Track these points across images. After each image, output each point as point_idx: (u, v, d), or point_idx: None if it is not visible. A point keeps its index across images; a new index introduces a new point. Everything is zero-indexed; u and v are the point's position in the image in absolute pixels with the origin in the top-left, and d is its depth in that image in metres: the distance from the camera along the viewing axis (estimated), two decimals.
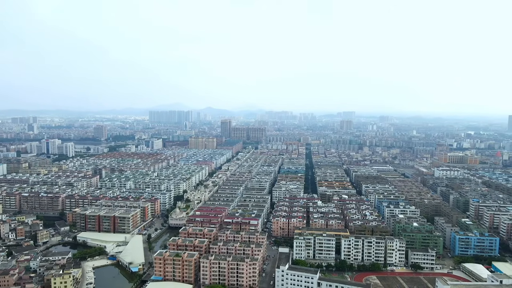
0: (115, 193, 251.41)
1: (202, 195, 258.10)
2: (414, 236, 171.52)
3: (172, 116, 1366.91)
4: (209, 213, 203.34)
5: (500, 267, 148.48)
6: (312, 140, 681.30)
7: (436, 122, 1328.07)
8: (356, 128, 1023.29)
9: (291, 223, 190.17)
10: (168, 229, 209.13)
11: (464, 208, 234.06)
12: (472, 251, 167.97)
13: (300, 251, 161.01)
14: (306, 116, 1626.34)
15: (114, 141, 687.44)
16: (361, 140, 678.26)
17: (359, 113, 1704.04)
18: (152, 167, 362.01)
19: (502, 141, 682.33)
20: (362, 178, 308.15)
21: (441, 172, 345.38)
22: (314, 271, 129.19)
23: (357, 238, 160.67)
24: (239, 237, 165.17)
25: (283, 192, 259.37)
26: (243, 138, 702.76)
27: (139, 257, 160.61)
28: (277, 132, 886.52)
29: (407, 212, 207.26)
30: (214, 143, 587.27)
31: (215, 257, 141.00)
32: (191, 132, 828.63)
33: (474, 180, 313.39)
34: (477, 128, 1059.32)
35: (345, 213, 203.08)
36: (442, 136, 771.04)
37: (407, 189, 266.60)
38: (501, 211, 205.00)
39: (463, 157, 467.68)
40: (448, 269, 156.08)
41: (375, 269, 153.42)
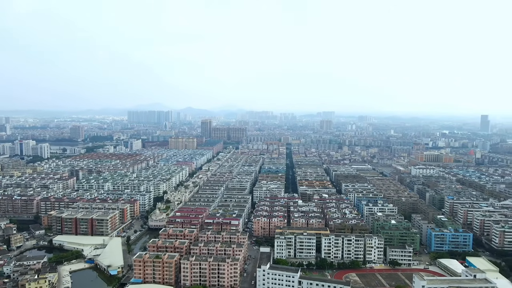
0: (93, 195, 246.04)
1: (183, 196, 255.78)
2: (392, 233, 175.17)
3: (152, 116, 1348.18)
4: (189, 214, 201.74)
5: (474, 262, 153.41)
6: (292, 140, 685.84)
7: (413, 122, 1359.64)
8: (335, 128, 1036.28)
9: (272, 222, 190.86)
10: (148, 231, 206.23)
11: (439, 205, 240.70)
12: (447, 247, 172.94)
13: (281, 250, 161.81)
14: (286, 116, 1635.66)
15: (92, 141, 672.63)
16: (341, 139, 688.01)
17: (338, 113, 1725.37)
18: (131, 168, 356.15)
19: (474, 140, 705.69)
20: (341, 177, 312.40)
21: (417, 171, 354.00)
22: (295, 270, 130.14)
23: (337, 237, 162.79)
24: (220, 237, 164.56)
25: (264, 192, 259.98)
26: (224, 138, 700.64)
27: (118, 259, 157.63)
28: (258, 132, 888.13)
29: (386, 210, 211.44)
30: (195, 143, 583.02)
31: (196, 258, 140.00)
32: (171, 132, 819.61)
33: (449, 178, 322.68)
34: (452, 128, 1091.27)
35: (325, 212, 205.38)
36: (418, 136, 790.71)
37: (385, 188, 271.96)
38: (474, 208, 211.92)
39: (438, 156, 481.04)
40: (424, 265, 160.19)
41: (354, 266, 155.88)
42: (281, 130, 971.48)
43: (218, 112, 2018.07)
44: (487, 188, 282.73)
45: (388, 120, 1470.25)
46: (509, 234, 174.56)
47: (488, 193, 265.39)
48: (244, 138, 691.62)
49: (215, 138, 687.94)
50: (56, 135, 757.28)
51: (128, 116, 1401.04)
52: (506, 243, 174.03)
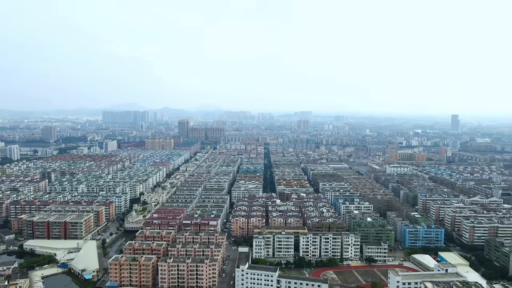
0: (66, 198, 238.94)
1: (160, 197, 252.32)
2: (368, 230, 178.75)
3: (127, 117, 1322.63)
4: (167, 215, 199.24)
5: (446, 257, 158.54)
6: (270, 140, 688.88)
7: (388, 122, 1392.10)
8: (313, 128, 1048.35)
9: (251, 222, 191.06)
10: (124, 233, 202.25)
11: (413, 202, 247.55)
12: (421, 242, 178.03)
13: (260, 250, 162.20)
14: (264, 116, 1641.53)
15: (65, 142, 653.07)
16: (318, 139, 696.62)
17: (315, 113, 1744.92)
18: (106, 170, 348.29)
19: (446, 139, 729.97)
20: (319, 176, 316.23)
21: (392, 169, 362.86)
22: (273, 269, 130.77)
23: (315, 235, 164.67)
24: (198, 238, 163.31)
25: (242, 192, 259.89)
26: (202, 138, 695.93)
27: (93, 263, 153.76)
28: (236, 132, 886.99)
29: (362, 208, 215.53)
30: (172, 143, 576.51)
31: (174, 260, 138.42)
32: (147, 132, 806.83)
33: (421, 176, 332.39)
34: (424, 127, 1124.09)
35: (303, 211, 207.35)
36: (393, 135, 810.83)
37: (361, 186, 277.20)
38: (446, 204, 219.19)
39: (411, 154, 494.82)
40: (399, 261, 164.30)
41: (332, 264, 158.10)
42: (259, 130, 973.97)
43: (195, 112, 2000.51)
44: (458, 185, 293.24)
45: (364, 120, 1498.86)
46: (478, 229, 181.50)
47: (459, 190, 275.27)
48: (222, 138, 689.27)
49: (192, 139, 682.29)
50: (27, 136, 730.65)
51: (102, 117, 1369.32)
52: (476, 238, 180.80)
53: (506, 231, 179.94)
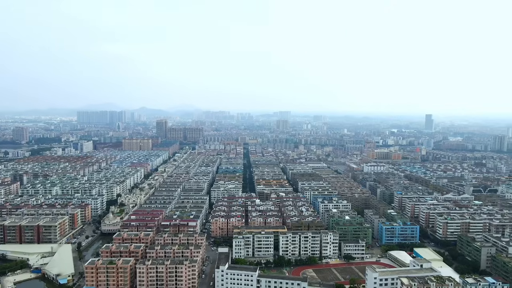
0: (39, 201, 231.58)
1: (138, 199, 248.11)
2: (346, 228, 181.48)
3: (104, 117, 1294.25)
4: (145, 217, 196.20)
5: (421, 253, 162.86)
6: (249, 140, 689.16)
7: (365, 121, 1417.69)
8: (292, 127, 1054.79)
9: (230, 222, 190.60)
10: (101, 236, 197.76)
11: (389, 200, 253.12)
12: (397, 239, 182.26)
13: (240, 250, 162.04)
14: (243, 116, 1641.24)
15: (37, 144, 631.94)
16: (297, 139, 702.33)
17: (294, 113, 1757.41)
18: (81, 171, 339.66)
19: (420, 138, 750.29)
20: (298, 175, 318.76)
21: (369, 168, 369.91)
22: (253, 269, 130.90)
23: (294, 234, 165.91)
24: (177, 239, 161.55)
25: (221, 192, 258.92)
26: (180, 138, 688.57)
27: (68, 267, 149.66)
28: (215, 132, 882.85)
29: (340, 206, 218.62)
30: (150, 144, 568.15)
31: (152, 262, 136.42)
32: (124, 133, 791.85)
33: (397, 174, 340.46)
34: (400, 127, 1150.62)
35: (282, 210, 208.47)
36: (370, 134, 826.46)
37: (340, 185, 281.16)
38: (420, 202, 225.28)
39: (388, 153, 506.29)
40: (376, 258, 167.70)
41: (311, 262, 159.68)
42: (238, 130, 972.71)
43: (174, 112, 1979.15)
44: (432, 183, 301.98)
45: (341, 120, 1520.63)
46: (451, 225, 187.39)
47: (433, 188, 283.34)
48: (201, 139, 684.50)
49: (171, 139, 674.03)
50: None
51: (77, 117, 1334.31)
52: (449, 233, 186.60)
53: (477, 226, 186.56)
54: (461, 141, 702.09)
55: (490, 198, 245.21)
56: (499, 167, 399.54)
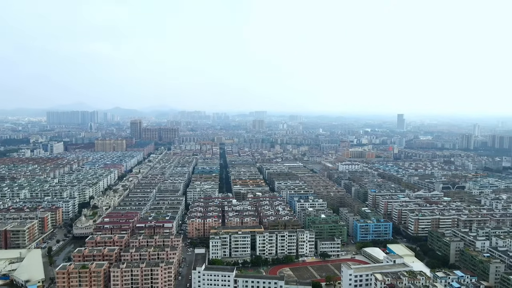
0: (6, 204, 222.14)
1: (111, 201, 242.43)
2: (322, 227, 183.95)
3: (75, 117, 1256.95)
4: (119, 219, 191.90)
5: (394, 249, 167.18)
6: (225, 140, 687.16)
7: (339, 121, 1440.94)
8: (268, 127, 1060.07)
9: (207, 223, 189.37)
10: (73, 240, 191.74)
11: (364, 198, 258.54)
12: (371, 236, 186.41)
13: (216, 250, 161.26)
14: (219, 116, 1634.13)
15: (4, 145, 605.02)
16: (273, 138, 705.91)
17: (270, 113, 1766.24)
18: (51, 173, 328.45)
19: (392, 137, 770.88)
20: (274, 175, 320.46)
21: (344, 167, 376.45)
22: (230, 269, 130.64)
23: (271, 233, 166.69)
24: (152, 241, 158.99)
25: (197, 193, 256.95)
26: (155, 139, 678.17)
27: (38, 273, 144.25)
28: (191, 132, 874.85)
29: (316, 205, 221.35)
30: (124, 145, 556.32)
31: (127, 265, 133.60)
32: (97, 134, 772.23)
33: (371, 173, 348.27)
34: (373, 126, 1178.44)
35: (259, 210, 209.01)
36: (344, 134, 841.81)
37: (315, 184, 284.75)
38: (393, 199, 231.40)
39: (362, 152, 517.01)
40: (351, 255, 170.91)
41: (288, 261, 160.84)
42: (214, 130, 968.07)
43: (148, 112, 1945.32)
44: (404, 180, 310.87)
45: (317, 119, 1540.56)
46: (422, 222, 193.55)
47: (404, 185, 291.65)
48: (177, 139, 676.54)
49: (145, 139, 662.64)
50: None
51: (47, 117, 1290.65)
52: (420, 229, 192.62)
53: (446, 222, 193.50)
54: (431, 140, 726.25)
55: (458, 195, 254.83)
56: (467, 165, 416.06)
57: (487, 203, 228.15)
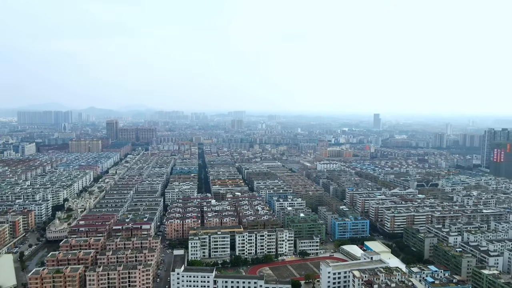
0: None
1: (87, 203, 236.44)
2: (301, 226, 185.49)
3: (48, 117, 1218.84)
4: (95, 222, 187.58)
5: (371, 246, 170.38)
6: (204, 140, 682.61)
7: (317, 120, 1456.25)
8: (246, 127, 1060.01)
9: (186, 224, 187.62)
10: (46, 244, 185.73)
11: (342, 196, 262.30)
12: (349, 234, 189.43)
13: (196, 251, 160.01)
14: (198, 116, 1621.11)
15: None
16: (252, 138, 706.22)
17: (249, 112, 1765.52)
18: (23, 175, 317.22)
19: (369, 136, 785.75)
20: (253, 175, 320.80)
21: (322, 166, 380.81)
22: (210, 270, 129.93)
23: (250, 233, 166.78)
24: (130, 243, 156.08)
25: (176, 194, 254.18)
26: (132, 139, 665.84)
27: (9, 279, 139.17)
28: (169, 132, 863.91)
29: (295, 204, 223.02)
30: (100, 145, 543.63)
31: (104, 268, 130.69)
32: (71, 134, 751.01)
33: (349, 171, 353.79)
34: (350, 125, 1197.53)
35: (238, 210, 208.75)
36: (322, 133, 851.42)
37: (294, 183, 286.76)
38: (370, 197, 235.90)
39: (340, 151, 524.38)
40: (330, 253, 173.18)
41: (267, 260, 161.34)
42: (192, 130, 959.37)
43: (125, 112, 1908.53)
44: (380, 179, 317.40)
45: (295, 119, 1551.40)
46: (398, 219, 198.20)
47: (381, 183, 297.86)
48: (154, 139, 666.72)
49: (122, 140, 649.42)
50: None
51: (18, 117, 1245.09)
52: (396, 226, 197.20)
53: (421, 218, 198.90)
54: (406, 139, 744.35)
55: (432, 192, 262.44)
56: (440, 163, 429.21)
57: (459, 200, 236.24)
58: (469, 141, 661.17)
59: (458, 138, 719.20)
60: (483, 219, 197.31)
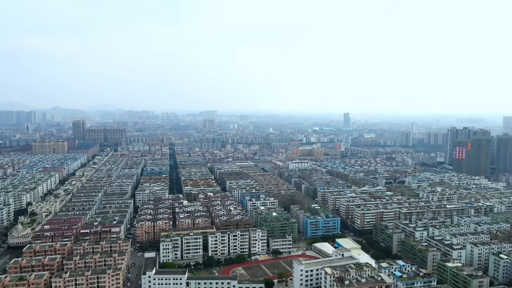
0: None
1: (52, 206, 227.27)
2: (273, 225, 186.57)
3: (9, 118, 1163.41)
4: (61, 226, 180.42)
5: (342, 243, 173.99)
6: (175, 140, 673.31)
7: (289, 120, 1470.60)
8: (218, 127, 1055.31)
9: (157, 225, 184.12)
10: (8, 250, 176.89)
11: (313, 195, 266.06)
12: (321, 232, 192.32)
13: (168, 253, 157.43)
14: (168, 116, 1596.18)
15: None
16: (224, 138, 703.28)
17: (220, 112, 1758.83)
18: None
19: (339, 135, 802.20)
20: (225, 174, 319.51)
21: (294, 165, 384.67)
22: (182, 272, 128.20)
23: (223, 233, 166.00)
24: (99, 247, 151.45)
25: (147, 195, 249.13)
26: (100, 140, 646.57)
27: None
28: (139, 132, 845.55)
29: (267, 203, 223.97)
30: (65, 146, 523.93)
31: (71, 274, 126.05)
32: (35, 135, 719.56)
33: (320, 170, 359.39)
34: (321, 125, 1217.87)
35: (211, 210, 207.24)
36: (294, 132, 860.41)
37: (267, 182, 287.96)
38: (341, 195, 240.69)
39: (311, 150, 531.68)
40: (302, 251, 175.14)
41: (240, 260, 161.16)
42: (163, 130, 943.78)
43: (92, 112, 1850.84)
44: (350, 177, 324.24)
45: (267, 119, 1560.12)
46: (367, 216, 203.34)
47: (351, 181, 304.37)
48: (124, 140, 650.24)
49: (90, 141, 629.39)
50: None
51: None
52: (366, 223, 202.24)
53: (389, 215, 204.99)
54: (375, 138, 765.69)
55: (399, 189, 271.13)
56: (406, 160, 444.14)
57: (424, 196, 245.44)
58: (433, 139, 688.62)
59: (423, 137, 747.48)
60: (447, 214, 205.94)
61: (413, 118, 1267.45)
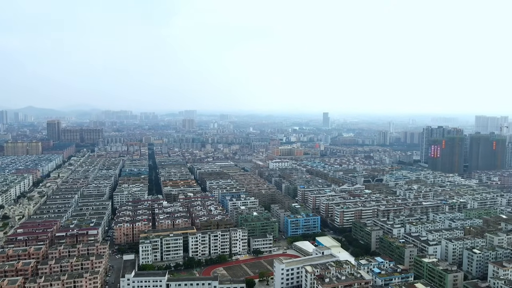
0: None
1: (26, 209, 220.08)
2: (254, 224, 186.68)
3: None
4: (35, 229, 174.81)
5: (322, 241, 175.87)
6: (154, 140, 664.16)
7: (269, 119, 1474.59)
8: (198, 127, 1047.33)
9: (136, 227, 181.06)
10: None
11: (294, 194, 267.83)
12: (301, 230, 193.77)
13: (147, 255, 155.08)
14: (147, 116, 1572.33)
15: None
16: (204, 138, 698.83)
17: (200, 112, 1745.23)
18: None
19: (319, 135, 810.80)
20: (206, 175, 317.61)
21: (274, 164, 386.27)
22: (162, 274, 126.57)
23: (204, 234, 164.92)
24: (75, 251, 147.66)
25: (125, 196, 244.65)
26: (76, 140, 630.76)
27: None
28: (116, 132, 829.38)
29: (248, 203, 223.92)
30: (39, 147, 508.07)
31: (46, 279, 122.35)
32: (6, 136, 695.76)
33: (300, 169, 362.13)
34: (301, 124, 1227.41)
35: (191, 210, 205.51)
36: (274, 132, 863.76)
37: (247, 182, 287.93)
38: (320, 194, 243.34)
39: (291, 150, 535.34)
40: (283, 250, 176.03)
41: (221, 260, 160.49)
42: (142, 130, 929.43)
43: (68, 112, 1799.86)
44: (330, 175, 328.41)
45: (247, 118, 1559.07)
46: (347, 214, 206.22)
47: (331, 180, 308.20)
48: (101, 140, 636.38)
49: (65, 141, 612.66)
50: None
51: None
52: (345, 221, 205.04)
53: (367, 213, 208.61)
54: (353, 137, 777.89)
55: (377, 187, 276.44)
56: (384, 159, 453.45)
57: (401, 194, 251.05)
58: (409, 138, 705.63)
59: (400, 136, 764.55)
60: (423, 211, 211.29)
61: (390, 118, 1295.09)
